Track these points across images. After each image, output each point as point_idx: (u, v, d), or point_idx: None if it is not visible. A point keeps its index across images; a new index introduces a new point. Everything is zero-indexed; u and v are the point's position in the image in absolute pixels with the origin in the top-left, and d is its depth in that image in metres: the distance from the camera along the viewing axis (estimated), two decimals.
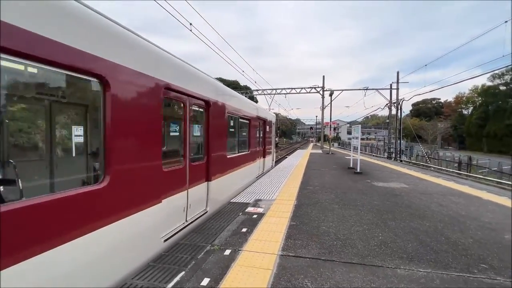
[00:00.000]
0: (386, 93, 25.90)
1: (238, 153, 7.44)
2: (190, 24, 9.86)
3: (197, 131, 4.85)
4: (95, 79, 2.53)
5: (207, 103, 5.01)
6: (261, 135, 10.77)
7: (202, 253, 3.44)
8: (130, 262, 2.93)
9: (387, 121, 27.29)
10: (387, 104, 25.85)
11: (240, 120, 7.72)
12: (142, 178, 3.12)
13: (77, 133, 2.67)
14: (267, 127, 11.72)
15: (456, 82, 20.34)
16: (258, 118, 9.68)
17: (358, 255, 3.44)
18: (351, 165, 13.12)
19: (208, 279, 2.80)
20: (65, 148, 2.76)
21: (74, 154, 2.64)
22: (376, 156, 27.90)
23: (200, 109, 5.00)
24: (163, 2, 7.94)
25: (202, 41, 12.20)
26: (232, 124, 7.05)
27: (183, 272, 2.96)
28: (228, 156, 6.30)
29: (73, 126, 2.69)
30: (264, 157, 11.16)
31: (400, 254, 3.48)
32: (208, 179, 5.06)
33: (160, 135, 3.51)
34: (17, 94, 2.32)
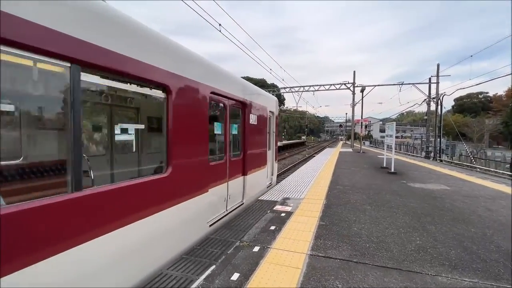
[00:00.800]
0: (424, 87, 24.09)
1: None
2: (220, 24, 10.07)
3: None
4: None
5: None
6: (238, 132, 5.72)
7: (232, 249, 3.52)
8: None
9: (425, 117, 25.33)
10: (425, 99, 24.05)
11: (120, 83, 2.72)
12: None
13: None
14: (253, 116, 6.22)
15: (508, 73, 18.04)
16: (223, 96, 4.78)
17: (393, 259, 3.26)
18: (384, 165, 12.46)
19: (238, 274, 2.87)
20: None
21: None
22: (413, 156, 26.10)
23: None
24: (191, 3, 8.22)
25: (231, 41, 12.31)
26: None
27: (214, 266, 3.06)
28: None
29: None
30: (244, 174, 5.86)
31: (442, 261, 3.23)
32: None
33: None
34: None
